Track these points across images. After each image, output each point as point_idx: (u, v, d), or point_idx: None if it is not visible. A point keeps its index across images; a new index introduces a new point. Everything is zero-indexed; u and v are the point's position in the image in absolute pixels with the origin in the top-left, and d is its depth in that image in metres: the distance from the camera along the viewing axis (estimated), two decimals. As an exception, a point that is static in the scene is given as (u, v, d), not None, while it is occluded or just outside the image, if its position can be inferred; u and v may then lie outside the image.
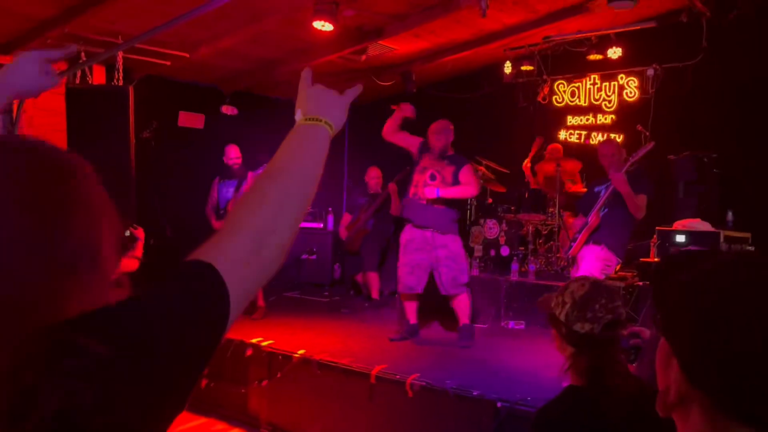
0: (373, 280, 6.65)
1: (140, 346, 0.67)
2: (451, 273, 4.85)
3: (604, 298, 1.80)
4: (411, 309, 5.09)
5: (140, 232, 2.57)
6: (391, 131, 5.00)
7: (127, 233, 2.52)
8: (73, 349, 0.63)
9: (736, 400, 0.68)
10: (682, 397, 0.73)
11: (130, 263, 2.44)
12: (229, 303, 0.77)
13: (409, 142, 5.06)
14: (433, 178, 4.87)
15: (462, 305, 4.95)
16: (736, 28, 5.55)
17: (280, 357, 4.58)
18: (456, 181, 4.83)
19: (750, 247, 5.01)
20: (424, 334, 5.18)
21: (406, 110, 4.95)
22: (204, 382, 4.64)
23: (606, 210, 4.82)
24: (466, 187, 4.87)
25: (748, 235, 5.14)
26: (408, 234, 4.97)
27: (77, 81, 5.58)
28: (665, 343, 0.77)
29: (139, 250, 2.53)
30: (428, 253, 4.86)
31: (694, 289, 0.74)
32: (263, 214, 0.88)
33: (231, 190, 6.08)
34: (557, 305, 1.84)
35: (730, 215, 5.35)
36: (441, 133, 4.90)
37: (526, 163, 7.08)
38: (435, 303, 6.29)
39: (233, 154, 6.09)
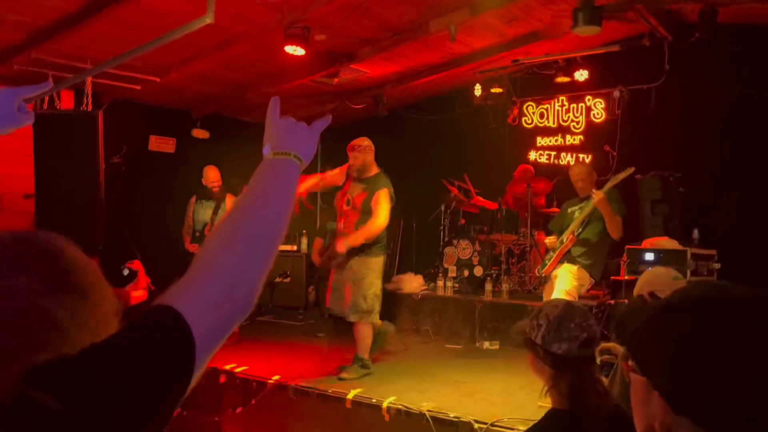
0: (348, 302, 6.60)
1: (92, 401, 0.66)
2: (352, 297, 4.62)
3: (578, 317, 1.83)
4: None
5: (137, 264, 2.56)
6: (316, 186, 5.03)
7: (126, 272, 2.52)
8: (29, 404, 0.63)
9: (724, 422, 0.67)
10: (668, 429, 0.72)
11: (138, 295, 2.44)
12: (194, 349, 0.75)
13: (335, 174, 4.99)
14: (348, 203, 4.74)
15: (360, 335, 4.70)
16: (697, 52, 5.74)
17: (255, 383, 4.51)
18: (366, 208, 4.61)
19: (716, 264, 5.12)
20: (400, 357, 5.16)
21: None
22: (176, 411, 4.53)
23: (581, 230, 4.90)
24: (369, 226, 4.53)
25: (713, 252, 5.26)
26: None
27: (45, 106, 5.50)
28: (642, 379, 0.76)
29: (142, 281, 2.52)
30: (340, 275, 4.75)
31: (667, 320, 0.74)
32: (234, 254, 0.85)
33: (208, 212, 5.98)
34: (532, 329, 1.86)
35: (695, 233, 5.47)
36: (356, 150, 4.68)
37: (473, 199, 7.05)
38: (410, 325, 6.31)
39: (212, 177, 6.00)
